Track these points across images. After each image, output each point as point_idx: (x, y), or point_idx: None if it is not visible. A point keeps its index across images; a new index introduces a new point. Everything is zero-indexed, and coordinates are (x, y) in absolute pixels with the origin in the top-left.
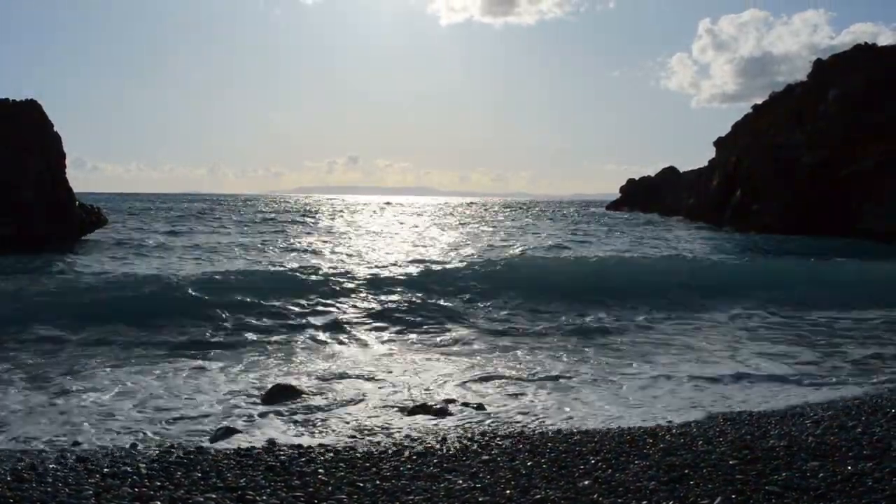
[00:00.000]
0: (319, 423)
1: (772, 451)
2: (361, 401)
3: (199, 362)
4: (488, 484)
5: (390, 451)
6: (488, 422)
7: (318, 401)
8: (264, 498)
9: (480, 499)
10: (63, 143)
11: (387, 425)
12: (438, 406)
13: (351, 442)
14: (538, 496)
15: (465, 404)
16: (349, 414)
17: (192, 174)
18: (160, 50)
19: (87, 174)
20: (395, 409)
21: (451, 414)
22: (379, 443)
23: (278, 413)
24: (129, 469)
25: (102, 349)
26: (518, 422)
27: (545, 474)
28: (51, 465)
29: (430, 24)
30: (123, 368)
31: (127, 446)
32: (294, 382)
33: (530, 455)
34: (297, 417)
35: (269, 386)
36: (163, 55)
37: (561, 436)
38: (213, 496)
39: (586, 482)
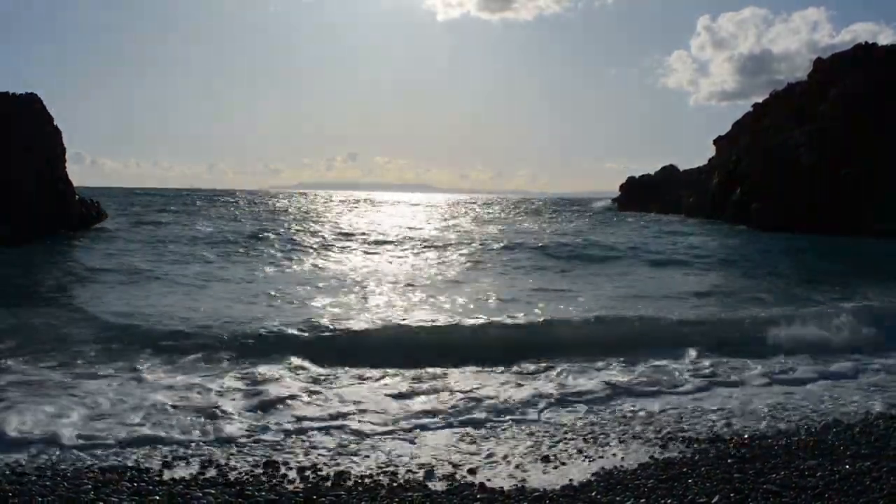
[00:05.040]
0: (319, 417)
1: (770, 449)
2: (358, 389)
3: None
4: (487, 480)
5: (390, 446)
6: (487, 417)
7: (314, 398)
8: (263, 493)
9: (479, 496)
10: (63, 137)
11: (387, 419)
12: (435, 401)
13: (351, 436)
14: (536, 493)
15: (466, 397)
16: (347, 406)
17: (191, 170)
18: (159, 45)
19: (86, 169)
20: (395, 400)
21: (449, 408)
22: (378, 437)
23: (277, 406)
24: (127, 464)
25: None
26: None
27: (542, 471)
28: (50, 460)
29: (426, 19)
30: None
31: (125, 441)
32: (290, 380)
33: (528, 452)
34: (297, 410)
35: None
36: (162, 51)
37: (560, 431)
38: (212, 491)
39: (584, 479)
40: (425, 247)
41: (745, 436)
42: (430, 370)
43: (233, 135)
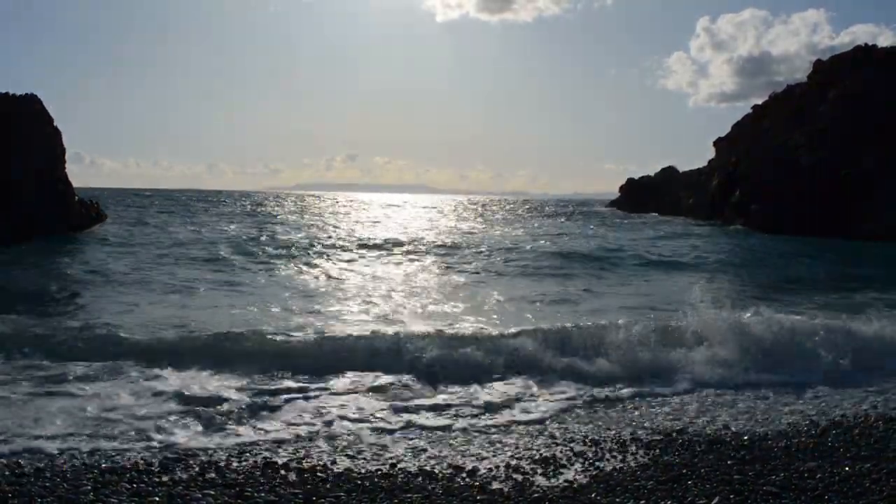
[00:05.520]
0: (317, 419)
1: (770, 451)
2: (356, 392)
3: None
4: (486, 482)
5: (389, 447)
6: (485, 419)
7: (315, 398)
8: (262, 495)
9: (478, 497)
10: (62, 138)
11: (385, 421)
12: (433, 403)
13: (349, 438)
14: (536, 495)
15: (465, 398)
16: (345, 408)
17: (191, 170)
18: (158, 46)
19: (85, 169)
20: (393, 403)
21: (447, 409)
22: (377, 439)
23: (276, 408)
24: (126, 464)
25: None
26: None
27: (543, 473)
28: (49, 461)
29: (426, 20)
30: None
31: (125, 441)
32: (290, 382)
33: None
34: (296, 413)
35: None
36: (161, 51)
37: (559, 434)
38: (212, 492)
39: (584, 481)
40: (430, 250)
41: (745, 437)
42: (430, 375)
43: (232, 135)
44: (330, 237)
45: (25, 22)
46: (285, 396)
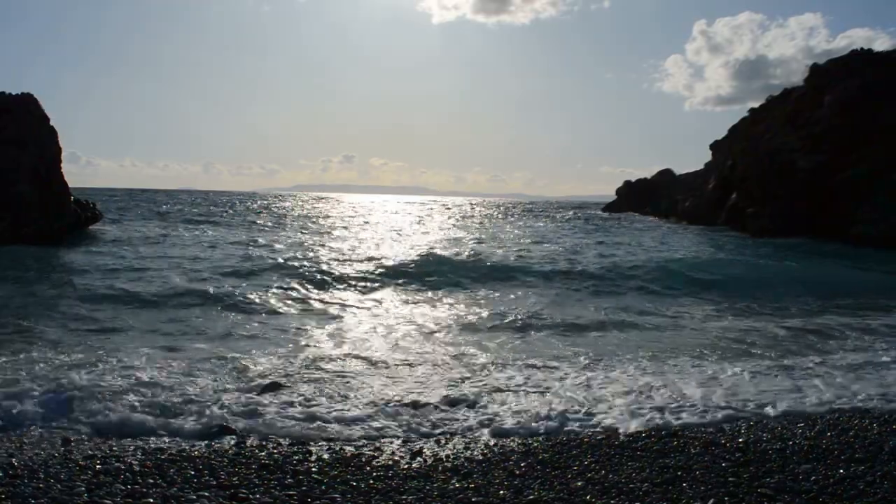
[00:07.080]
0: (315, 420)
1: (765, 453)
2: (355, 396)
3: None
4: (482, 484)
5: (385, 449)
6: (484, 420)
7: (312, 397)
8: (257, 496)
9: (474, 499)
10: (58, 137)
11: (382, 423)
12: (432, 404)
13: (345, 440)
14: (531, 497)
15: (461, 401)
16: (343, 410)
17: (187, 171)
18: (154, 46)
19: (81, 169)
20: (392, 405)
21: (445, 412)
22: (373, 440)
23: (272, 410)
24: (121, 466)
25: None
26: (512, 421)
27: (538, 475)
28: (43, 462)
29: (421, 22)
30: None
31: (120, 442)
32: (284, 380)
33: (524, 456)
34: (292, 414)
35: (265, 382)
36: (157, 52)
37: (555, 435)
38: (206, 494)
39: (579, 483)
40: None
41: (740, 440)
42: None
43: (229, 135)
44: (357, 256)
45: (23, 22)
46: (284, 402)
